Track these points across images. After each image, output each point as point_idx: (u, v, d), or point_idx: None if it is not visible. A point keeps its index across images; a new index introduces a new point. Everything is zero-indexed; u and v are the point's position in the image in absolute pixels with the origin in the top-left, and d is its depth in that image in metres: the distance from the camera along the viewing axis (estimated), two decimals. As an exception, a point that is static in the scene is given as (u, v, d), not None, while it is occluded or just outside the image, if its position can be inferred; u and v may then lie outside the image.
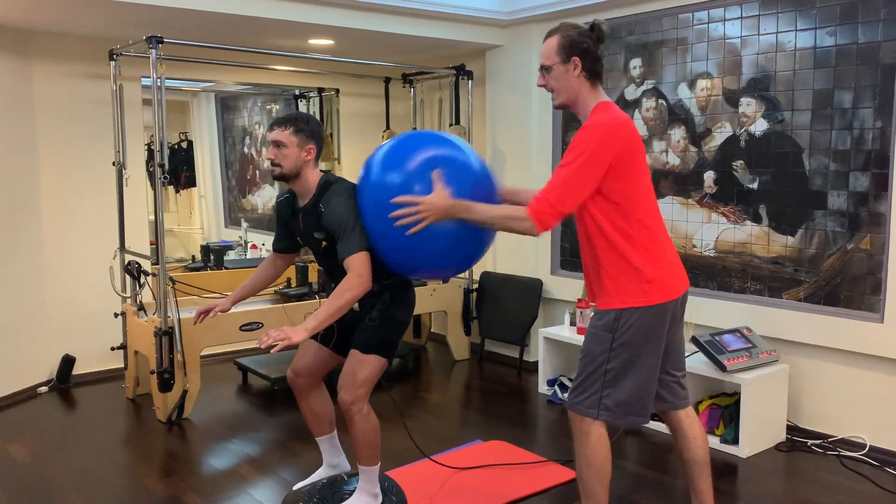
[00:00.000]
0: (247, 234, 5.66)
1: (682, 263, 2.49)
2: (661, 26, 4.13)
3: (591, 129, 2.26)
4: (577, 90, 2.37)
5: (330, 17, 4.15)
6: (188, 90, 5.44)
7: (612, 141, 2.24)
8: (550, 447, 3.59)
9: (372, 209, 2.53)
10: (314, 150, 2.69)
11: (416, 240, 2.43)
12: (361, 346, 2.69)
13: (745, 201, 3.84)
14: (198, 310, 2.90)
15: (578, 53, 2.33)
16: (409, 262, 2.55)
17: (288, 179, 2.68)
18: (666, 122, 4.16)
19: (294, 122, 2.65)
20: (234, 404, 4.29)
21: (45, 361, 4.59)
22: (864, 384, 3.47)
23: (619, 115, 2.32)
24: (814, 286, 3.61)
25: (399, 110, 5.88)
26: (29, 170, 4.43)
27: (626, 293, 2.34)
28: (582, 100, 2.38)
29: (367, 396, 2.70)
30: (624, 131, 2.28)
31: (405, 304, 2.78)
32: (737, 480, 3.22)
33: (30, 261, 4.44)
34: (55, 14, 3.87)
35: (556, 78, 2.37)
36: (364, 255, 2.53)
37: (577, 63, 2.34)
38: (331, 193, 2.64)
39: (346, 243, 2.53)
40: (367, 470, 2.78)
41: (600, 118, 2.29)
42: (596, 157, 2.23)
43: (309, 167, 2.69)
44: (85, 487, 3.18)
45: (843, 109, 3.45)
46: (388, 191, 2.47)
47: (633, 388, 2.38)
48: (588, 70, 2.35)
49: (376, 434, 2.74)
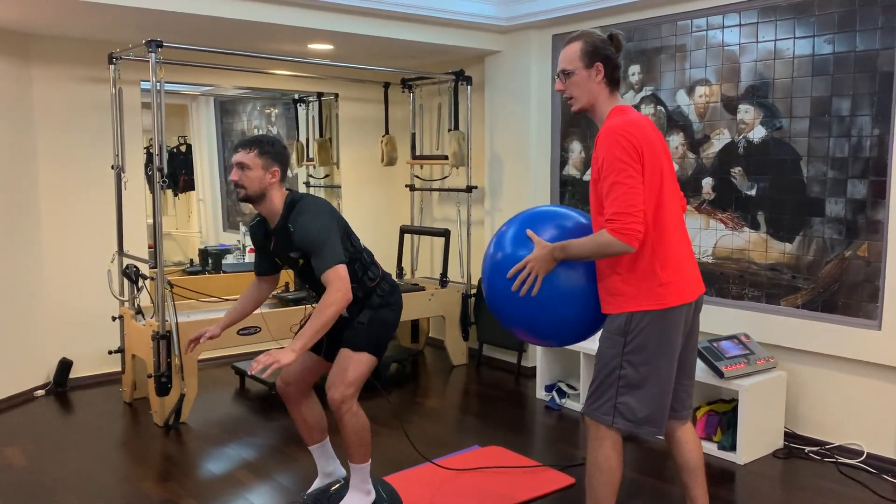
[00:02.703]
0: (245, 237, 5.66)
1: (697, 267, 2.47)
2: (660, 33, 4.14)
3: (608, 135, 2.28)
4: (596, 95, 2.40)
5: (329, 22, 4.16)
6: (187, 94, 5.45)
7: (629, 138, 2.26)
8: (548, 453, 3.59)
9: (504, 290, 2.45)
10: (279, 173, 2.70)
11: (549, 301, 2.39)
12: (352, 345, 2.72)
13: (744, 208, 3.84)
14: (189, 338, 2.91)
15: (602, 59, 2.37)
16: (544, 323, 2.44)
17: (253, 202, 2.70)
18: (664, 129, 4.16)
19: (259, 144, 2.67)
20: (231, 409, 4.29)
21: (42, 365, 4.58)
22: (862, 391, 3.47)
23: (634, 117, 2.33)
24: (811, 293, 3.62)
25: (398, 115, 5.89)
26: (28, 173, 4.42)
27: (639, 295, 2.32)
28: (600, 105, 2.41)
29: (356, 395, 2.72)
30: (638, 131, 2.28)
31: (395, 306, 2.84)
32: (734, 487, 3.22)
33: (28, 264, 4.44)
34: (55, 17, 3.87)
35: (577, 83, 2.40)
36: (341, 268, 2.54)
37: (599, 69, 2.37)
38: (297, 211, 2.66)
39: (321, 259, 2.55)
40: (359, 468, 2.80)
41: (614, 122, 2.31)
42: (634, 156, 2.25)
43: (274, 189, 2.69)
44: (81, 492, 3.17)
45: (841, 117, 3.46)
46: (505, 267, 2.45)
47: (649, 396, 2.35)
48: (609, 77, 2.39)
49: (366, 431, 2.76)
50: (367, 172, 5.90)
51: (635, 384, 2.35)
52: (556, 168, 4.80)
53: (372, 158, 5.85)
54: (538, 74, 4.78)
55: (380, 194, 5.97)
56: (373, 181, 5.94)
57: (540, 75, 4.78)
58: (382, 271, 2.88)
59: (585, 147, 4.61)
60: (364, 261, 2.79)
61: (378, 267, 2.86)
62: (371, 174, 5.93)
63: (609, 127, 2.30)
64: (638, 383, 2.35)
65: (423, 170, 5.75)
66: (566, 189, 4.75)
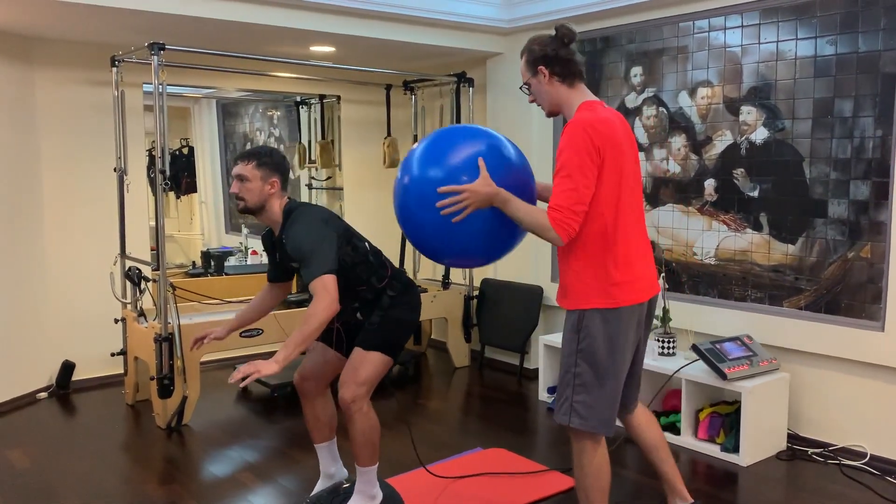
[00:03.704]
0: (247, 240, 5.66)
1: (654, 267, 2.49)
2: (662, 35, 4.14)
3: (573, 128, 2.27)
4: (554, 95, 2.42)
5: (331, 25, 4.16)
6: (189, 96, 5.45)
7: (593, 136, 2.25)
8: (550, 455, 3.59)
9: (415, 203, 2.40)
10: (277, 183, 2.71)
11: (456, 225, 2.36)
12: (364, 344, 2.72)
13: (746, 209, 3.84)
14: (194, 337, 2.91)
15: (541, 62, 2.40)
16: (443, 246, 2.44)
17: (254, 213, 2.72)
18: (666, 130, 4.16)
19: (257, 156, 2.69)
20: (233, 411, 4.29)
21: (45, 367, 4.59)
22: (865, 393, 3.47)
23: (601, 114, 2.32)
24: (814, 294, 3.61)
25: (400, 117, 5.89)
26: (31, 175, 4.43)
27: (591, 294, 2.34)
28: (565, 102, 2.42)
29: (368, 395, 2.71)
30: (605, 128, 2.28)
31: (408, 305, 2.81)
32: (737, 489, 3.21)
33: (30, 266, 4.45)
34: (57, 20, 3.88)
35: (536, 92, 2.46)
36: (328, 278, 2.52)
37: (543, 71, 2.40)
38: (290, 222, 2.68)
39: (308, 269, 2.55)
40: (366, 470, 2.79)
41: (580, 116, 2.30)
42: (587, 152, 2.25)
43: (274, 199, 2.72)
44: (84, 494, 3.18)
45: (844, 118, 3.45)
46: (431, 184, 2.37)
47: (602, 395, 2.37)
48: (558, 74, 2.39)
49: (375, 433, 2.74)
50: (369, 174, 5.90)
51: (589, 384, 2.36)
52: (558, 170, 4.79)
53: (374, 160, 5.85)
54: (540, 76, 4.78)
55: (382, 196, 5.97)
56: (375, 183, 5.94)
57: (542, 77, 4.77)
58: (394, 271, 2.85)
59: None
60: (370, 262, 2.78)
61: (387, 268, 2.84)
62: (373, 176, 5.93)
63: (575, 120, 2.29)
64: (591, 382, 2.36)
65: (425, 172, 5.74)
66: (568, 191, 4.74)
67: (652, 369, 3.80)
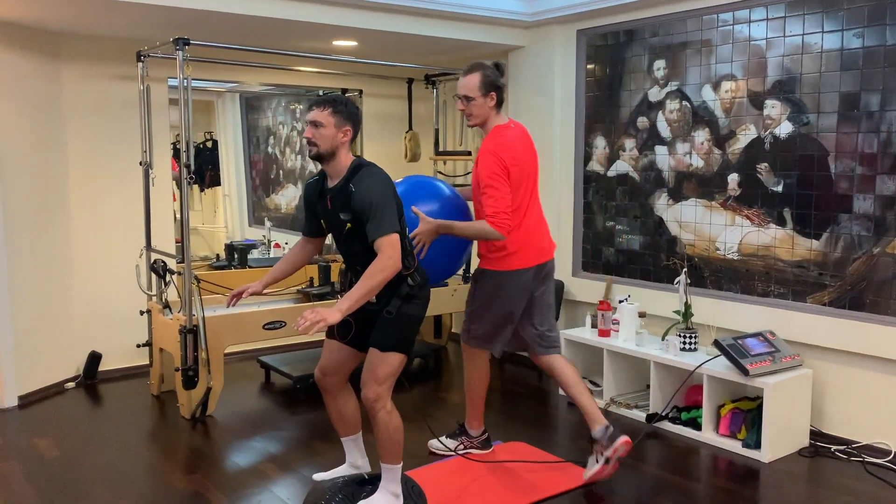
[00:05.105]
0: (270, 233, 5.71)
1: (549, 244, 3.29)
2: (686, 28, 4.11)
3: (486, 157, 3.05)
4: (487, 115, 3.16)
5: (354, 19, 4.18)
6: (214, 91, 5.50)
7: (503, 159, 3.04)
8: (570, 449, 3.59)
9: None
10: (350, 132, 2.73)
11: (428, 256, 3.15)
12: (379, 345, 2.74)
13: (770, 204, 3.81)
14: (231, 293, 2.95)
15: (494, 89, 3.12)
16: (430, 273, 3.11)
17: (323, 159, 2.73)
18: (690, 124, 4.14)
19: (333, 103, 2.70)
20: (256, 402, 4.34)
21: (73, 357, 4.67)
22: (890, 390, 3.43)
23: (509, 138, 3.11)
24: (839, 290, 3.57)
25: (422, 111, 5.90)
26: (58, 169, 4.50)
27: (493, 260, 3.20)
28: (489, 122, 3.18)
29: (389, 393, 2.74)
30: (507, 153, 3.06)
31: (423, 301, 2.84)
32: (759, 486, 3.20)
33: (58, 259, 4.52)
34: (84, 16, 3.93)
35: (477, 106, 3.13)
36: (395, 238, 2.58)
37: (493, 97, 3.13)
38: (362, 175, 2.69)
39: (377, 224, 2.58)
40: (390, 469, 2.81)
41: (491, 144, 3.07)
42: (504, 173, 3.04)
43: (344, 148, 2.73)
44: (111, 482, 3.23)
45: (871, 112, 3.41)
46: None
47: (487, 325, 3.27)
48: (497, 100, 3.15)
49: (399, 432, 2.76)
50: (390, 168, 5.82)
51: (478, 316, 3.30)
52: (580, 163, 4.78)
53: (396, 154, 5.87)
54: (562, 70, 4.77)
55: (403, 190, 5.97)
56: (396, 177, 5.88)
57: (564, 71, 4.76)
58: (419, 263, 2.90)
59: (609, 142, 4.59)
60: (406, 246, 2.78)
61: (415, 258, 2.88)
62: (395, 170, 5.91)
63: (486, 149, 3.07)
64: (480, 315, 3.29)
65: (447, 166, 5.76)
66: (590, 185, 4.73)
67: (674, 364, 3.79)
